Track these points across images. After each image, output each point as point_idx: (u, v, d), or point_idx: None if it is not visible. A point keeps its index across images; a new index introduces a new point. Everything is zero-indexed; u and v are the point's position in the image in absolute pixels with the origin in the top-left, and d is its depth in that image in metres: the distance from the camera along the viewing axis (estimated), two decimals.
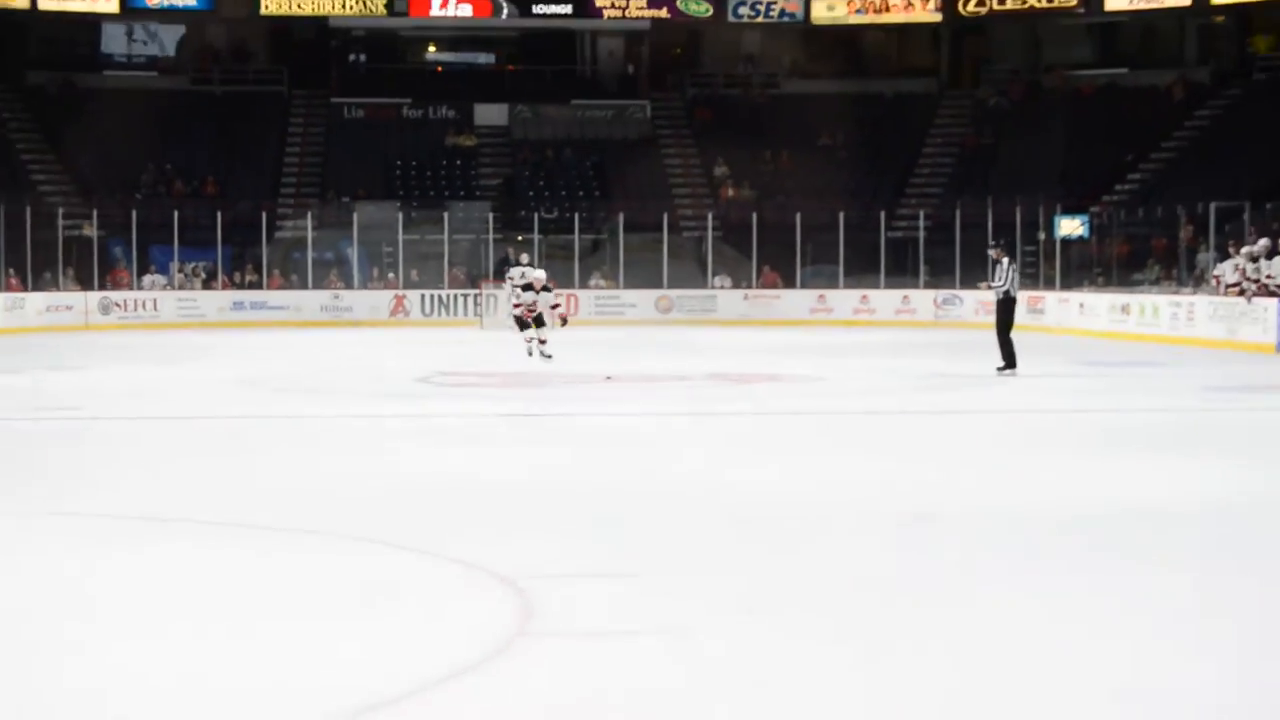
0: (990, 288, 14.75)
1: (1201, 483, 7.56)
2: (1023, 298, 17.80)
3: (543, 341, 14.36)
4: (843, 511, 6.34)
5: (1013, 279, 14.22)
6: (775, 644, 3.83)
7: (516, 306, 14.85)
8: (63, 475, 7.61)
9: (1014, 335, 13.99)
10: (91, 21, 34.11)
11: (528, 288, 16.20)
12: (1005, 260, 14.28)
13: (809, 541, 5.54)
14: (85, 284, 26.42)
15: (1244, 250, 21.94)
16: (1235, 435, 10.17)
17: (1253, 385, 14.18)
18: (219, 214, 27.78)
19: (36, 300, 25.10)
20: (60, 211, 27.13)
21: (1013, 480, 7.55)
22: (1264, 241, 21.66)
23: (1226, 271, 22.87)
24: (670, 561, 4.98)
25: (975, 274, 23.83)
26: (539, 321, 14.43)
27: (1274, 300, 20.51)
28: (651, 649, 3.76)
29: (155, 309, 26.32)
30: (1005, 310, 14.06)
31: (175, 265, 27.40)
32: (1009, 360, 13.58)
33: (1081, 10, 33.36)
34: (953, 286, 27.46)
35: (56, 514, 6.32)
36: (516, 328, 15.75)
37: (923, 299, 27.84)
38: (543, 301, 14.69)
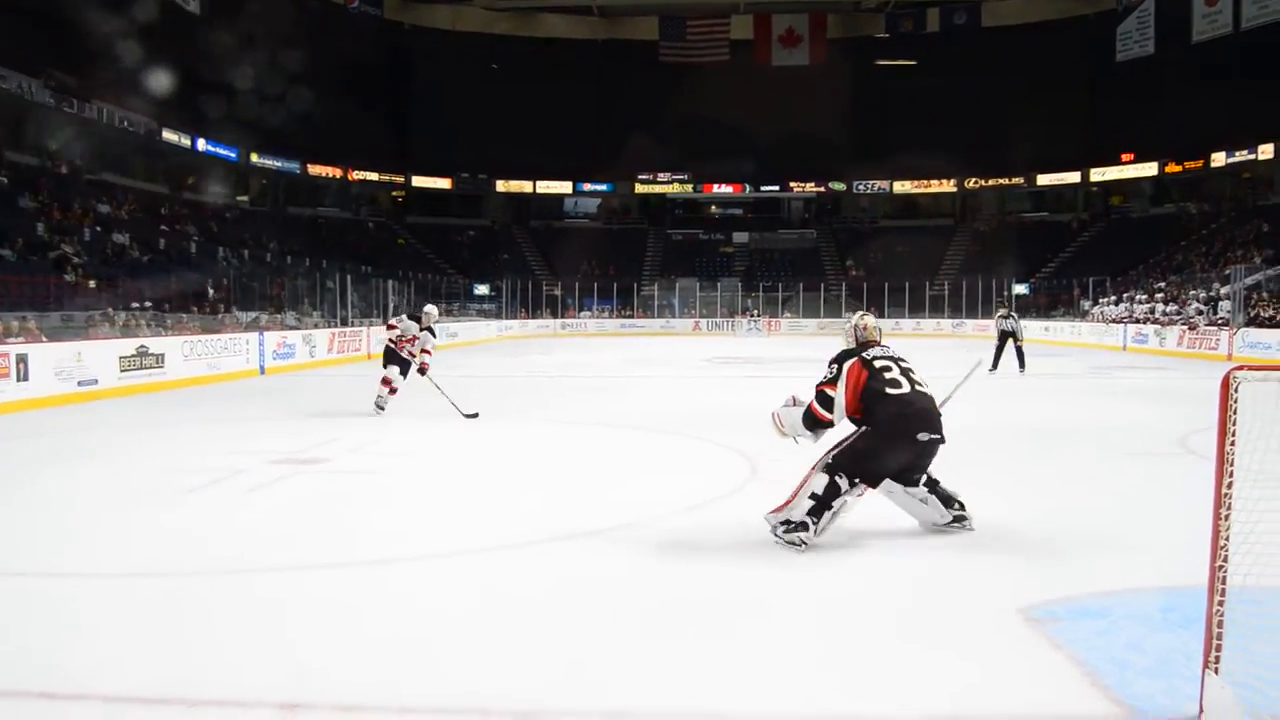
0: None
1: (1090, 411, 13.17)
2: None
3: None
4: None
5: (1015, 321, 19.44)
6: None
7: None
8: None
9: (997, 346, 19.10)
10: (558, 195, 61.95)
11: None
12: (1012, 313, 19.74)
13: None
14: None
15: (1102, 301, 37.28)
16: (1114, 390, 16.13)
17: (1111, 365, 22.52)
18: (615, 284, 52.43)
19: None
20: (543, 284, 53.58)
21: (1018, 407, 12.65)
22: (1112, 300, 36.19)
23: (1101, 311, 36.18)
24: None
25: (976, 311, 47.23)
26: None
27: (1121, 325, 32.19)
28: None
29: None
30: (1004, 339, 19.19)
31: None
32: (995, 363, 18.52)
33: (1024, 184, 57.81)
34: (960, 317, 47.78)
35: None
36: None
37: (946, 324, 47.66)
38: None
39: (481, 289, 50.48)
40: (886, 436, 5.47)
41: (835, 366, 5.67)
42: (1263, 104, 43.72)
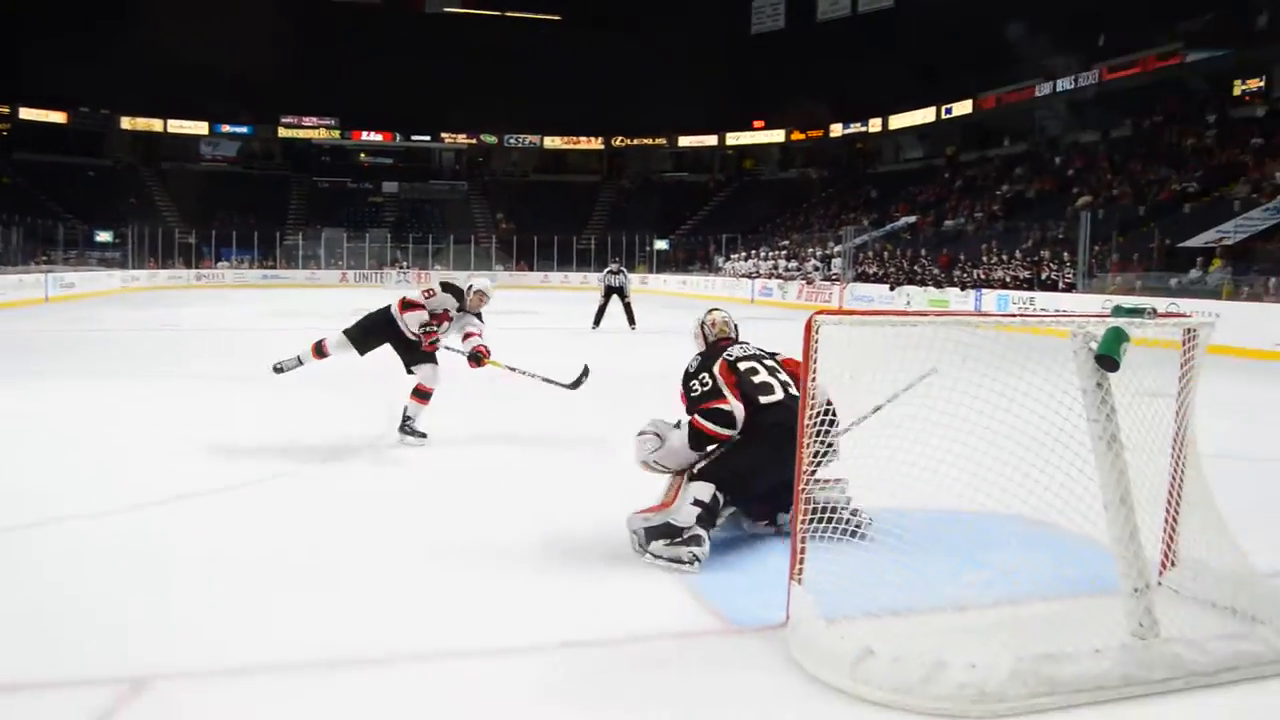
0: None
1: None
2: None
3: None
4: None
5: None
6: None
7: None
8: None
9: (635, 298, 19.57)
10: (193, 135, 57.46)
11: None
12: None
13: None
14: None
15: (734, 257, 44.53)
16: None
17: (739, 317, 23.69)
18: (256, 233, 48.18)
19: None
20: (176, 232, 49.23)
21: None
22: (742, 256, 41.18)
23: (732, 267, 40.47)
24: None
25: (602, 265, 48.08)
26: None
27: (749, 279, 36.09)
28: (457, 441, 16.18)
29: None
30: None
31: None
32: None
33: (666, 145, 61.14)
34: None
35: None
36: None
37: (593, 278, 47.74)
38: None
39: (104, 236, 46.14)
40: (767, 453, 4.44)
41: (707, 377, 4.75)
42: (873, 81, 48.17)
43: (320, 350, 7.50)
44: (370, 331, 7.55)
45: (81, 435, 7.71)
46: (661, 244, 51.61)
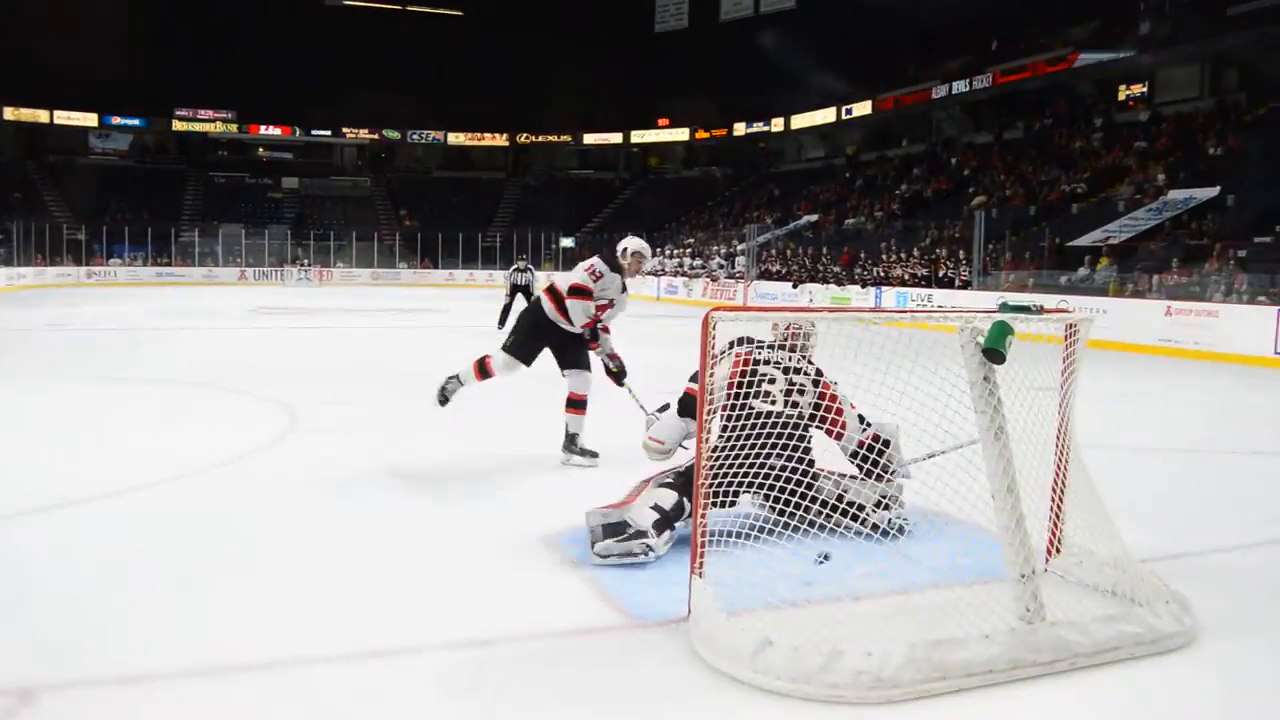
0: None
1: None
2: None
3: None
4: None
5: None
6: None
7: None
8: None
9: None
10: (81, 127, 53.98)
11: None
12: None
13: None
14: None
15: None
16: (642, 337, 22.35)
17: (645, 314, 27.61)
18: (150, 229, 46.07)
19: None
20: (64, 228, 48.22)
21: None
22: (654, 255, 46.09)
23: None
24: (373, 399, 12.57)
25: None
26: None
27: (655, 277, 34.92)
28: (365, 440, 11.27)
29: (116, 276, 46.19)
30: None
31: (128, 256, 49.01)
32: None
33: (572, 142, 60.33)
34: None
35: None
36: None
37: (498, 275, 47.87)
38: None
39: None
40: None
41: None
42: (776, 81, 48.68)
43: (484, 370, 6.53)
44: (530, 337, 6.54)
45: None
46: (568, 241, 51.12)
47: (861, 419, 4.64)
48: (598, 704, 3.12)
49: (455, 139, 59.61)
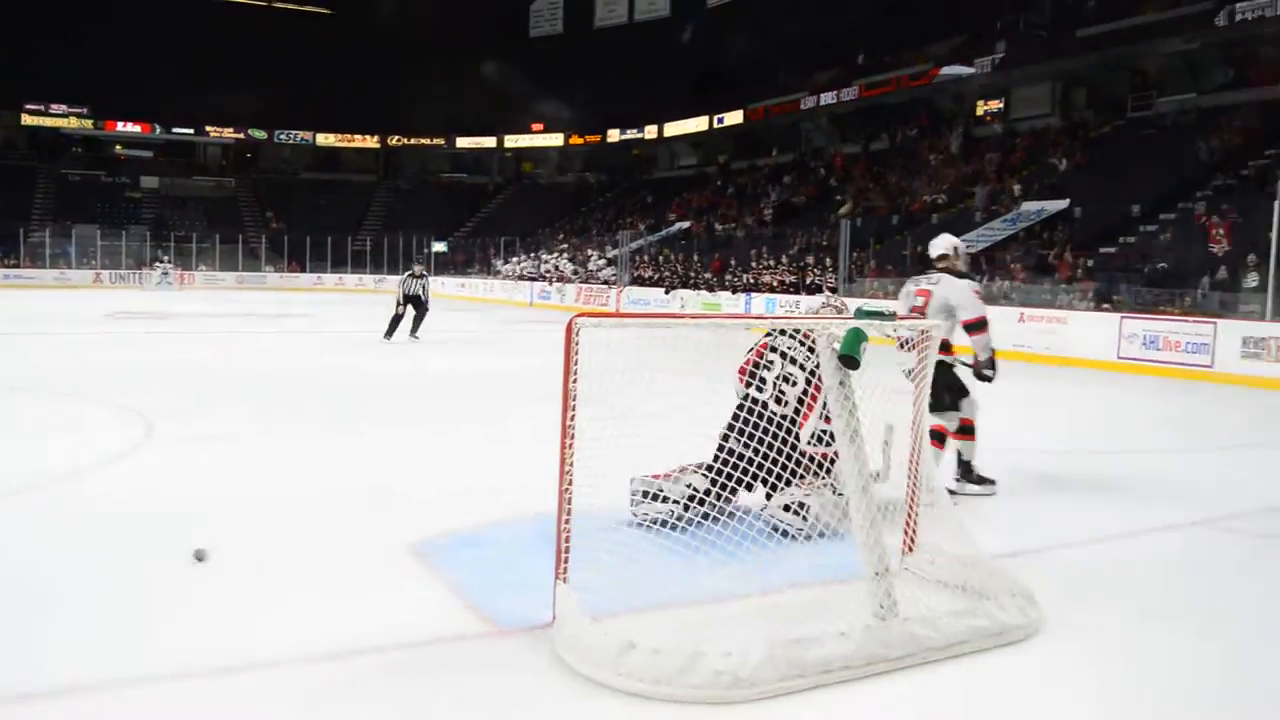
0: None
1: (495, 361, 24.68)
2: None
3: None
4: None
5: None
6: None
7: None
8: None
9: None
10: None
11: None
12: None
13: None
14: None
15: (513, 260, 46.88)
16: (517, 344, 25.89)
17: (517, 320, 26.96)
18: None
19: None
20: None
21: None
22: (520, 259, 45.06)
23: (511, 269, 44.69)
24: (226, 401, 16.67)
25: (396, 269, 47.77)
26: None
27: (528, 282, 40.74)
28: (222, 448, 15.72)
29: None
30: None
31: None
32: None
33: (444, 145, 59.65)
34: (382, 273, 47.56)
35: None
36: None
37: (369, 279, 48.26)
38: None
39: None
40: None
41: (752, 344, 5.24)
42: (649, 89, 49.12)
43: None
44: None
45: None
46: (440, 246, 50.91)
47: (826, 434, 4.81)
48: (460, 712, 3.10)
49: (324, 140, 58.41)
